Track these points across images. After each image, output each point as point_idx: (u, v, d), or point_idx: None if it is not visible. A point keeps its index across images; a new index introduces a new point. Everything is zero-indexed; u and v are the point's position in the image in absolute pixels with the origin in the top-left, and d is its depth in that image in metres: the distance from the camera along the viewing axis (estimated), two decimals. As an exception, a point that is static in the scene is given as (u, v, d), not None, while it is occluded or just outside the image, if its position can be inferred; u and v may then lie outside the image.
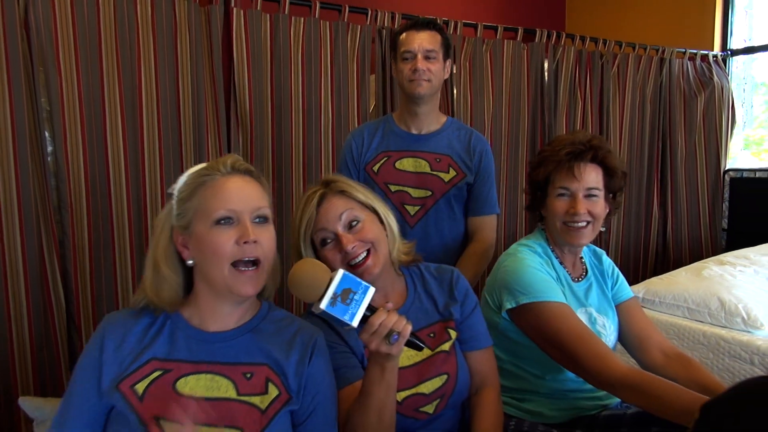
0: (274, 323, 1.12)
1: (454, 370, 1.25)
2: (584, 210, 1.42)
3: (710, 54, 4.54)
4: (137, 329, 1.05)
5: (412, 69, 1.82)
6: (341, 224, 1.23)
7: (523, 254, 1.45)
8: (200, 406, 0.98)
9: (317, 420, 1.06)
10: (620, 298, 1.56)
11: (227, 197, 1.03)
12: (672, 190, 4.45)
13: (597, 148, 1.44)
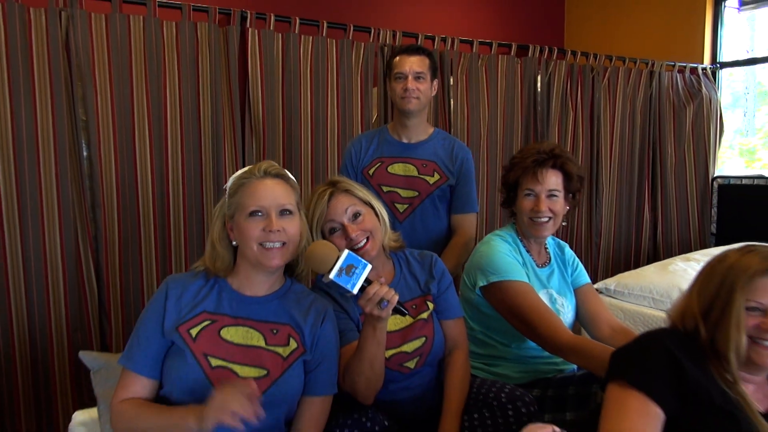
0: (295, 294, 1.40)
1: (431, 334, 1.51)
2: (546, 208, 1.70)
3: (699, 67, 4.77)
4: (193, 288, 1.34)
5: (404, 88, 2.10)
6: (347, 217, 1.50)
7: (495, 242, 1.73)
8: (239, 350, 1.26)
9: (323, 369, 1.34)
10: (578, 283, 1.83)
11: (258, 196, 1.31)
12: (662, 196, 4.67)
13: (557, 157, 1.71)
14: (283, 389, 1.27)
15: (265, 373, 1.26)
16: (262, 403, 1.18)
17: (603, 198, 4.37)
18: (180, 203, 2.82)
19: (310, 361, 1.33)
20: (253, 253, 1.30)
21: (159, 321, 1.28)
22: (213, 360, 1.24)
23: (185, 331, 1.27)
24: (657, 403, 1.07)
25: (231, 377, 1.23)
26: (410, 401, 1.49)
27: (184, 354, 1.24)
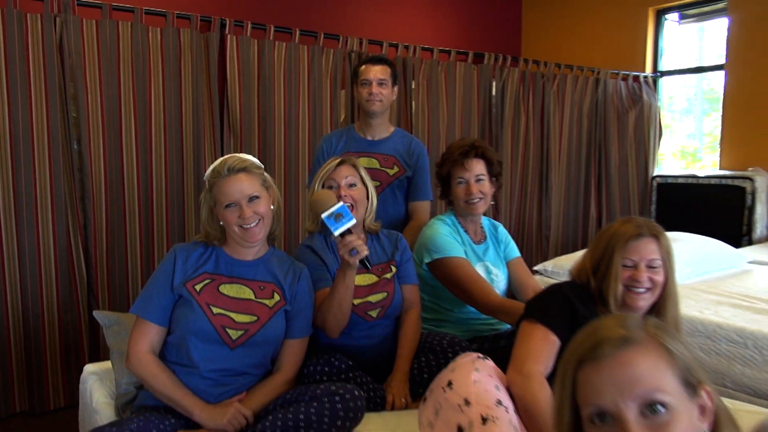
0: (277, 259, 1.70)
1: (392, 291, 1.84)
2: (477, 191, 2.02)
3: (641, 75, 5.22)
4: (196, 254, 1.62)
5: (369, 92, 2.42)
6: (344, 182, 1.84)
7: (437, 225, 2.06)
8: (234, 302, 1.57)
9: (300, 317, 1.66)
10: (509, 257, 2.17)
11: (228, 192, 1.58)
12: (606, 193, 5.10)
13: (478, 147, 2.05)
14: (269, 332, 1.58)
15: (256, 318, 1.56)
16: (255, 342, 1.50)
17: (552, 194, 4.76)
18: (163, 194, 3.07)
19: (290, 311, 1.64)
20: (236, 234, 1.59)
21: (169, 279, 1.56)
22: (214, 308, 1.54)
23: (191, 287, 1.55)
24: (554, 333, 1.41)
25: (229, 322, 1.54)
26: (371, 348, 1.80)
27: (192, 304, 1.53)
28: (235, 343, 1.52)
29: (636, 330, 0.80)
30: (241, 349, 1.53)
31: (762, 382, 2.13)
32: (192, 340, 1.51)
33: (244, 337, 1.53)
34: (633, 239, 1.43)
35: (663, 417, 0.74)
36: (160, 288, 1.55)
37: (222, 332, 1.52)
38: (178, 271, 1.57)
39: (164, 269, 1.58)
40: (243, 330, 1.54)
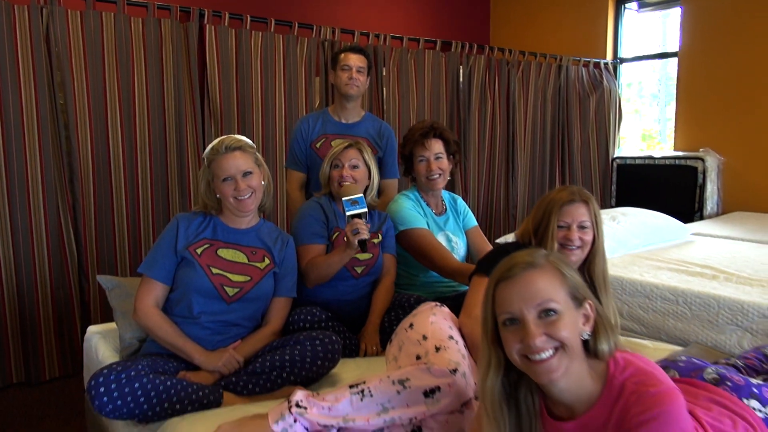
0: (267, 229, 1.92)
1: (377, 254, 2.09)
2: (436, 168, 2.25)
3: (601, 62, 5.50)
4: (196, 222, 1.83)
5: (349, 77, 2.63)
6: (348, 163, 2.08)
7: (401, 200, 2.29)
8: (230, 264, 1.78)
9: (287, 279, 1.88)
10: (467, 226, 2.42)
11: (225, 167, 1.79)
12: (570, 173, 5.38)
13: (437, 128, 2.28)
14: (260, 290, 1.80)
15: (249, 278, 1.79)
16: (249, 298, 1.72)
17: (518, 175, 5.03)
18: (147, 176, 3.25)
19: (278, 273, 1.87)
20: (231, 205, 1.80)
21: (173, 243, 1.77)
22: (213, 269, 1.75)
23: (193, 250, 1.76)
24: None
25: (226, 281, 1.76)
26: (350, 302, 2.04)
27: (194, 265, 1.74)
28: (231, 298, 1.75)
29: (540, 258, 1.04)
30: (236, 304, 1.76)
31: (690, 333, 2.42)
32: (194, 296, 1.72)
33: (239, 294, 1.75)
34: (566, 204, 1.67)
35: (553, 318, 0.98)
36: (165, 251, 1.76)
37: (220, 289, 1.74)
38: (180, 236, 1.77)
39: (168, 235, 1.79)
40: (238, 288, 1.76)
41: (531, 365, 0.99)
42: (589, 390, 1.02)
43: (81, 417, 2.63)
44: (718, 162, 4.88)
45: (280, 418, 1.25)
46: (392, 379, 1.31)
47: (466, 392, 1.33)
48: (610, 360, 1.03)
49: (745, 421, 1.13)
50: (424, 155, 2.26)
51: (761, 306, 2.25)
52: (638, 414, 0.94)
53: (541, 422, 1.09)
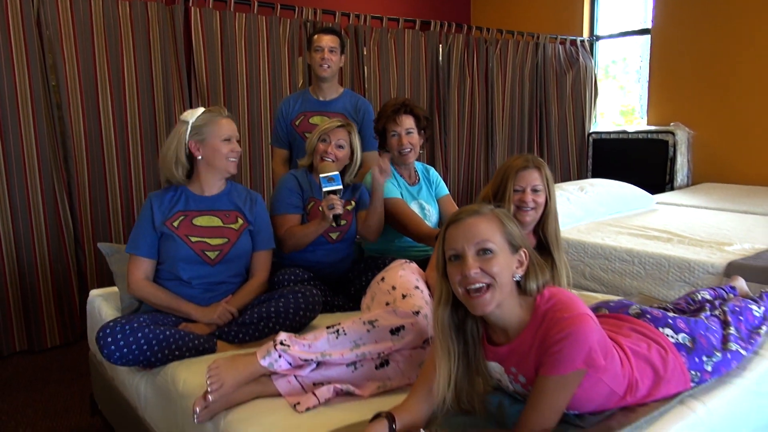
0: (236, 190, 2.06)
1: (350, 222, 2.25)
2: (407, 142, 2.41)
3: (578, 39, 5.66)
4: (167, 197, 1.97)
5: (321, 58, 2.77)
6: (335, 142, 2.22)
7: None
8: (206, 230, 1.93)
9: (262, 233, 2.04)
10: (439, 194, 2.59)
11: (228, 129, 1.95)
12: (548, 148, 5.58)
13: (407, 105, 2.43)
14: (239, 248, 1.97)
15: (227, 240, 1.95)
16: (229, 258, 1.89)
17: (497, 151, 5.21)
18: (138, 154, 3.40)
19: (253, 230, 2.03)
20: (224, 164, 1.95)
21: (150, 221, 1.91)
22: (192, 238, 1.91)
23: (170, 224, 1.91)
24: None
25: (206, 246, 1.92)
26: (328, 265, 2.22)
27: (173, 238, 1.90)
28: (213, 261, 1.92)
29: (484, 208, 1.23)
30: (220, 265, 1.93)
31: (644, 290, 2.64)
32: (180, 265, 1.89)
33: (220, 256, 1.92)
34: (521, 170, 1.86)
35: (488, 256, 1.18)
36: (145, 229, 1.91)
37: (202, 255, 1.90)
38: (156, 213, 1.92)
39: (144, 214, 1.94)
40: (218, 250, 1.93)
41: (468, 298, 1.19)
42: (519, 319, 1.22)
43: (83, 379, 2.82)
44: (688, 135, 5.08)
45: (267, 354, 1.44)
46: (363, 321, 1.51)
47: (427, 331, 1.53)
48: (538, 295, 1.23)
49: (659, 345, 1.34)
50: (396, 130, 2.42)
51: (706, 263, 2.47)
52: (554, 335, 1.14)
53: (483, 348, 1.29)
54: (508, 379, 1.28)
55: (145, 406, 1.72)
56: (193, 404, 1.38)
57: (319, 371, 1.46)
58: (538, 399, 1.17)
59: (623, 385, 1.25)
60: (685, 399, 1.33)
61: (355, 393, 1.43)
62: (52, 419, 2.47)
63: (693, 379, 1.37)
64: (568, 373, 1.14)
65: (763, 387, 1.48)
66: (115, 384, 1.96)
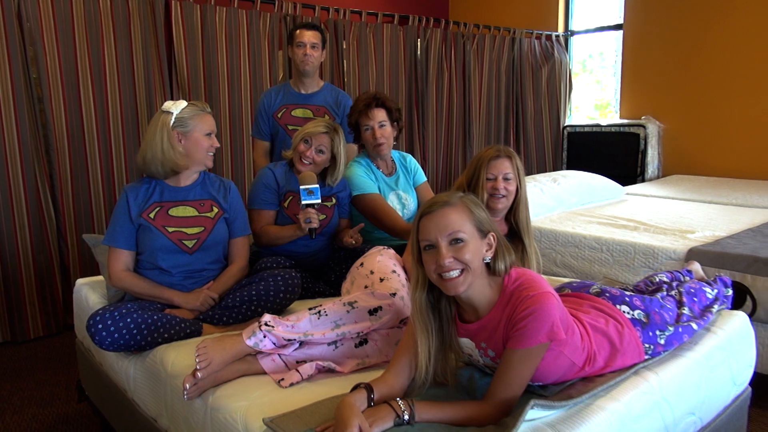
0: (209, 180, 2.12)
1: (330, 215, 2.32)
2: (380, 135, 2.48)
3: (553, 34, 5.79)
4: (142, 189, 2.01)
5: (303, 53, 2.84)
6: (315, 146, 2.26)
7: (354, 167, 2.52)
8: (182, 219, 1.98)
9: (238, 220, 2.10)
10: (417, 182, 2.68)
11: (210, 123, 2.00)
12: (524, 141, 5.71)
13: (378, 98, 2.49)
14: (216, 236, 2.03)
15: (203, 229, 2.01)
16: (207, 246, 1.96)
17: (474, 143, 5.33)
18: (120, 146, 3.44)
19: (228, 218, 2.08)
20: (203, 157, 2.01)
21: (127, 213, 1.96)
22: (169, 228, 1.96)
23: (146, 216, 1.96)
24: None
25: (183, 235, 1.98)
26: (308, 255, 2.29)
27: (150, 229, 1.95)
28: (191, 249, 1.98)
29: (454, 198, 1.33)
30: (198, 253, 1.99)
31: (611, 276, 2.77)
32: (159, 255, 1.95)
33: (198, 244, 1.99)
34: (493, 159, 1.96)
35: (460, 245, 1.27)
36: (122, 222, 1.96)
37: (180, 244, 1.96)
38: (132, 206, 1.97)
39: (121, 207, 1.99)
40: (195, 239, 1.99)
41: (442, 282, 1.28)
42: (489, 298, 1.32)
43: (68, 369, 2.88)
44: (658, 129, 5.25)
45: (252, 335, 1.51)
46: (343, 302, 1.59)
47: (404, 311, 1.62)
48: (506, 275, 1.33)
49: (615, 320, 1.45)
50: (369, 124, 2.47)
51: (668, 250, 2.61)
52: (520, 312, 1.24)
53: (455, 325, 1.39)
54: (478, 354, 1.39)
55: (134, 389, 1.79)
56: (183, 381, 1.46)
57: (302, 350, 1.55)
58: (505, 370, 1.27)
59: (582, 357, 1.36)
60: (639, 370, 1.45)
61: (335, 369, 1.53)
62: (39, 406, 2.53)
63: (647, 351, 1.48)
64: (533, 346, 1.24)
65: (712, 360, 1.61)
66: (104, 369, 2.02)
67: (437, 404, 1.26)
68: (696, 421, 1.57)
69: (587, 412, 1.26)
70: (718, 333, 1.69)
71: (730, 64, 4.81)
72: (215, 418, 1.40)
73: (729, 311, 1.84)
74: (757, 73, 4.66)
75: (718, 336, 1.68)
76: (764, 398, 2.38)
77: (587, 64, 6.27)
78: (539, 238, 3.08)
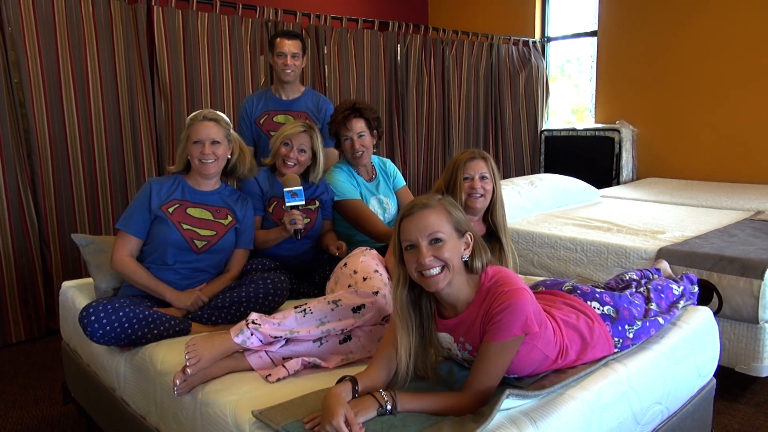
0: (228, 191, 2.19)
1: (314, 219, 2.37)
2: (359, 146, 2.53)
3: (530, 40, 5.92)
4: (167, 185, 2.08)
5: (284, 64, 2.90)
6: (297, 146, 2.31)
7: (335, 173, 2.58)
8: (198, 220, 2.05)
9: (245, 234, 2.17)
10: (397, 186, 2.75)
11: (199, 132, 2.05)
12: (502, 145, 5.82)
13: (357, 109, 2.53)
14: (225, 242, 2.10)
15: (215, 233, 2.08)
16: (215, 250, 2.03)
17: (454, 148, 5.42)
18: (103, 150, 3.45)
19: (239, 229, 2.16)
20: (195, 165, 2.07)
21: (147, 203, 2.03)
22: (184, 225, 2.03)
23: (165, 209, 2.03)
24: None
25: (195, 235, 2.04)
26: (293, 257, 2.34)
27: (167, 222, 2.01)
28: (200, 250, 2.04)
29: (433, 200, 1.40)
30: (204, 254, 2.06)
31: (586, 275, 2.87)
32: (169, 248, 2.01)
33: (207, 246, 2.06)
34: (469, 161, 2.04)
35: (439, 244, 1.34)
36: (140, 210, 2.03)
37: (190, 242, 2.03)
38: (153, 197, 2.04)
39: (143, 195, 2.05)
40: (206, 241, 2.06)
41: (423, 279, 1.35)
42: (466, 294, 1.40)
43: (51, 373, 2.88)
44: (632, 133, 5.40)
45: (240, 332, 1.57)
46: (327, 300, 1.65)
47: (386, 309, 1.69)
48: (483, 273, 1.41)
49: (586, 316, 1.53)
50: (348, 135, 2.52)
51: (640, 249, 2.72)
52: (496, 306, 1.32)
53: (435, 321, 1.46)
54: (457, 348, 1.46)
55: (123, 387, 1.83)
56: (173, 378, 1.51)
57: (288, 347, 1.61)
58: (482, 362, 1.34)
59: (555, 351, 1.44)
60: (609, 362, 1.53)
61: (321, 365, 1.59)
62: (22, 409, 2.54)
63: (616, 345, 1.57)
64: (509, 339, 1.32)
65: (678, 353, 1.70)
66: (92, 369, 2.05)
67: (418, 395, 1.32)
68: (663, 410, 1.65)
69: (559, 401, 1.34)
70: (684, 327, 1.78)
71: (699, 72, 4.97)
72: (205, 412, 1.45)
73: (694, 306, 1.94)
74: (724, 80, 4.84)
75: (683, 330, 1.77)
76: (730, 391, 2.49)
77: (565, 69, 6.42)
78: (517, 240, 3.17)
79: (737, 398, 2.46)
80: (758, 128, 4.70)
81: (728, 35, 4.78)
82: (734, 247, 2.64)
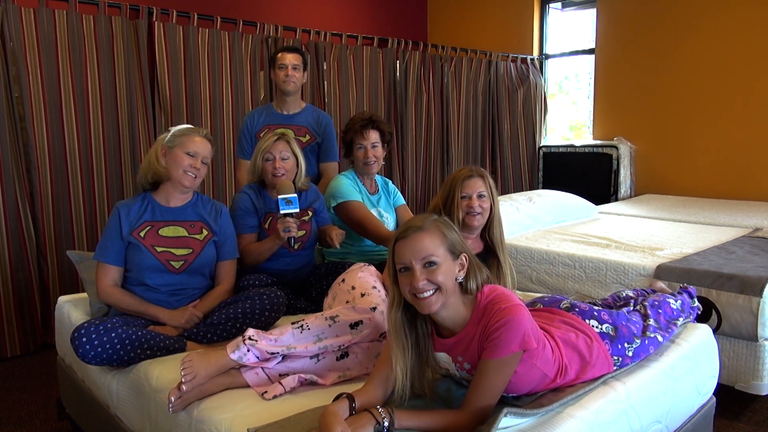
0: (202, 202, 2.17)
1: (309, 230, 2.36)
2: (372, 155, 2.59)
3: (528, 57, 5.97)
4: (135, 207, 2.06)
5: (285, 74, 2.92)
6: (279, 156, 2.31)
7: (341, 178, 2.62)
8: (172, 240, 2.02)
9: (227, 244, 2.15)
10: (396, 204, 2.77)
11: (196, 145, 2.05)
12: (500, 161, 5.84)
13: (374, 121, 2.62)
14: (204, 258, 2.07)
15: (191, 250, 2.05)
16: (194, 268, 2.00)
17: (453, 164, 5.44)
18: (102, 165, 3.45)
19: (218, 241, 2.13)
20: (178, 175, 2.04)
21: (118, 230, 2.00)
22: (158, 248, 2.00)
23: (137, 234, 2.00)
24: None
25: (171, 256, 2.02)
26: (290, 272, 2.33)
27: (140, 247, 1.99)
28: (178, 270, 2.02)
29: (427, 222, 1.39)
30: (184, 274, 2.03)
31: (584, 292, 2.86)
32: (146, 273, 1.99)
33: (185, 266, 2.03)
34: (467, 179, 2.04)
35: (433, 267, 1.34)
36: (112, 238, 2.00)
37: (167, 264, 2.00)
38: (123, 223, 2.01)
39: (112, 223, 2.03)
40: (183, 260, 2.03)
41: (417, 301, 1.35)
42: (463, 315, 1.39)
43: (47, 388, 2.86)
44: (630, 149, 5.42)
45: (236, 349, 1.56)
46: (325, 317, 1.65)
47: (383, 325, 1.68)
48: (479, 293, 1.40)
49: (585, 334, 1.53)
50: (363, 143, 2.60)
51: (638, 266, 2.71)
52: (493, 324, 1.31)
53: (432, 341, 1.45)
54: (455, 367, 1.45)
55: (117, 404, 1.81)
56: (168, 395, 1.49)
57: (285, 363, 1.60)
58: (480, 380, 1.33)
59: (554, 369, 1.43)
60: (608, 380, 1.52)
61: (317, 382, 1.57)
62: (16, 425, 2.51)
63: (615, 363, 1.56)
64: (507, 355, 1.31)
65: (677, 371, 1.69)
66: (86, 385, 2.03)
67: (416, 412, 1.31)
68: (662, 429, 1.64)
69: (557, 419, 1.33)
70: (683, 345, 1.78)
71: (696, 89, 5.01)
72: (200, 430, 1.43)
73: (693, 324, 1.93)
74: (721, 97, 4.87)
75: (682, 347, 1.76)
76: (730, 410, 2.47)
77: (563, 86, 6.46)
78: (515, 256, 3.17)
79: (737, 416, 2.44)
80: (756, 145, 4.72)
81: (725, 52, 4.82)
82: (733, 264, 2.63)
